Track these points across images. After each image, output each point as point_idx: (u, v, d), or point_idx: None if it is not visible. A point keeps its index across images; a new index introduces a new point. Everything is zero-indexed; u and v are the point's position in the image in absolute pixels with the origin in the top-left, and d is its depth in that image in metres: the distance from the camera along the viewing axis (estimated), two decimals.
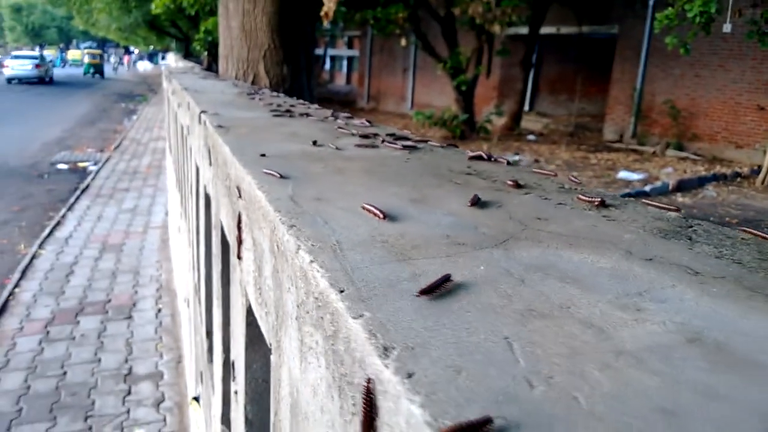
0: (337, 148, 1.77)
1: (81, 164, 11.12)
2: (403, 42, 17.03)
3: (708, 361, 0.56)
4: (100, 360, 5.28)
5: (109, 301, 6.87)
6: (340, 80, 33.76)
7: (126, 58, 55.97)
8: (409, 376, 0.50)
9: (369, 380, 0.53)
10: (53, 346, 5.37)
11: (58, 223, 8.91)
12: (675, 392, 0.50)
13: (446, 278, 0.70)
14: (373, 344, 0.56)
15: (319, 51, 30.03)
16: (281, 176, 1.29)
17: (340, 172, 1.43)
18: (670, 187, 11.30)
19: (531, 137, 17.04)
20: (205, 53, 17.93)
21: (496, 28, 15.28)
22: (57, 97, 20.96)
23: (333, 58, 34.72)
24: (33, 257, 7.58)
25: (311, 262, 0.78)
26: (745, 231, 0.98)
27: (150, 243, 8.43)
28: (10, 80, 30.43)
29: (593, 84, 19.13)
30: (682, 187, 11.49)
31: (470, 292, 0.69)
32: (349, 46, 31.42)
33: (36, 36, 55.49)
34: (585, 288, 0.73)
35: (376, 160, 1.60)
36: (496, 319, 0.63)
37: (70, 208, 9.67)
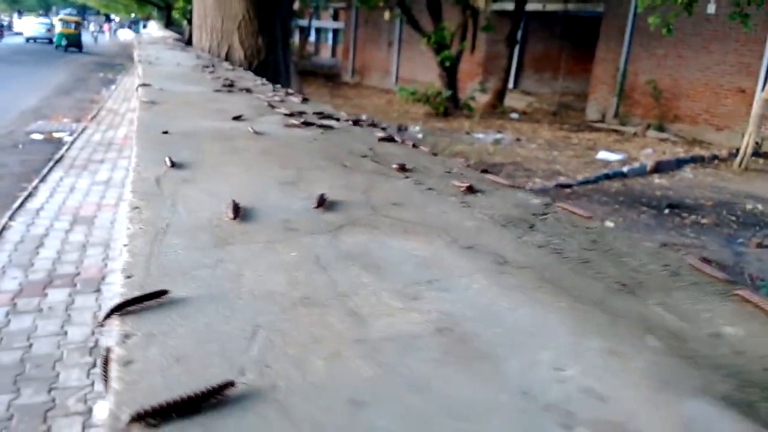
0: (251, 127, 1.77)
1: (56, 134, 10.98)
2: (387, 15, 16.80)
3: (442, 352, 0.58)
4: (66, 333, 5.28)
5: (78, 273, 6.83)
6: (326, 53, 33.30)
7: (106, 27, 53.80)
8: (126, 363, 0.52)
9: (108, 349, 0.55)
10: (20, 319, 5.35)
11: (30, 195, 8.80)
12: (381, 384, 0.52)
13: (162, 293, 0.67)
14: (120, 328, 0.57)
15: (304, 22, 29.58)
16: (172, 164, 1.28)
17: (235, 152, 1.43)
18: (648, 168, 11.36)
19: (514, 115, 16.99)
20: (185, 22, 17.63)
21: (481, 3, 15.12)
22: (35, 65, 20.62)
23: (318, 30, 34.18)
24: (2, 229, 7.50)
25: (125, 245, 0.79)
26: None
27: (122, 216, 8.30)
28: (28, 39, 40.04)
29: (578, 62, 19.02)
30: (660, 168, 11.55)
31: (258, 280, 0.71)
32: (335, 17, 30.91)
33: (14, 2, 53.80)
34: (381, 276, 0.75)
35: (280, 140, 1.60)
36: (264, 307, 0.65)
37: (42, 180, 9.55)
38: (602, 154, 12.64)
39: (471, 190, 1.18)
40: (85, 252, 7.01)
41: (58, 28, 33.28)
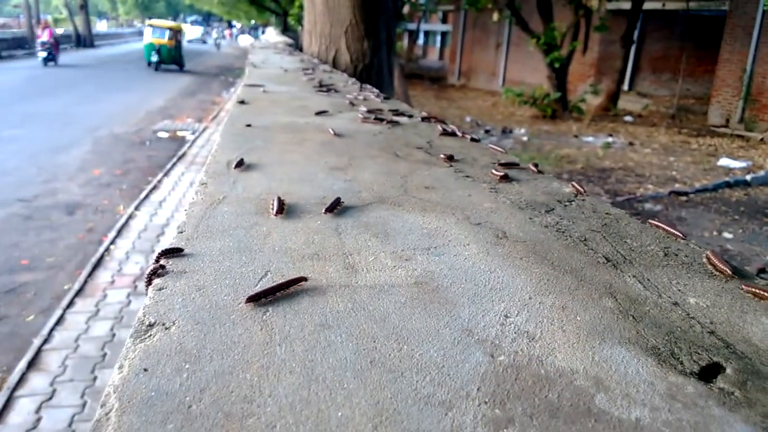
0: (327, 124, 1.93)
1: (180, 133, 11.93)
2: (495, 16, 16.64)
3: (410, 298, 0.69)
4: None
5: None
6: (433, 55, 33.44)
7: (228, 33, 56.70)
8: (160, 289, 0.68)
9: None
10: (139, 300, 5.77)
11: (155, 188, 9.59)
12: (348, 315, 0.64)
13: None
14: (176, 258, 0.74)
15: (413, 26, 29.89)
16: (239, 164, 1.46)
17: (301, 142, 1.60)
18: None
19: (628, 118, 16.20)
20: (300, 28, 18.49)
21: (595, 3, 14.58)
22: (161, 69, 22.50)
23: (427, 33, 34.41)
24: (129, 218, 8.23)
25: (185, 210, 0.96)
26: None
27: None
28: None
29: (699, 64, 17.77)
30: None
31: (280, 240, 0.85)
32: (444, 20, 31.00)
33: (145, 9, 57.99)
34: (386, 242, 0.86)
35: (346, 134, 1.75)
36: (278, 258, 0.79)
37: (166, 174, 10.36)
38: (724, 161, 11.77)
39: (506, 178, 1.26)
40: None
41: (147, 38, 22.68)
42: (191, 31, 51.22)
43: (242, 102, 2.35)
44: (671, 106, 17.26)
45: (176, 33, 23.87)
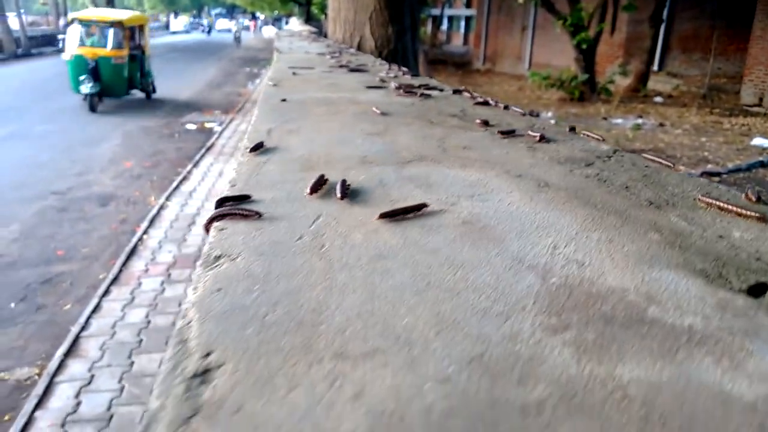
0: (353, 96, 1.96)
1: (207, 125, 12.09)
2: None
3: (458, 234, 0.71)
4: None
5: None
6: (457, 41, 33.13)
7: (252, 24, 56.51)
8: (221, 230, 0.71)
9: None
10: (173, 287, 5.89)
11: (184, 179, 9.72)
12: (401, 248, 0.67)
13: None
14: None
15: (437, 11, 29.69)
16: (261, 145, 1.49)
17: (336, 113, 1.63)
18: None
19: (658, 99, 15.88)
20: (323, 17, 18.52)
21: None
22: (188, 62, 22.72)
23: (451, 19, 34.12)
24: (161, 208, 8.37)
25: (234, 168, 1.00)
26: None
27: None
28: (188, 31, 46.28)
29: (731, 42, 17.29)
30: None
31: (331, 186, 0.88)
32: (468, 5, 30.68)
33: (170, 3, 58.32)
34: (430, 190, 0.89)
35: (379, 105, 1.77)
36: (328, 206, 0.82)
37: (195, 165, 10.50)
38: (758, 141, 11.48)
39: (543, 139, 1.27)
40: None
41: (72, 46, 12.11)
42: (179, 26, 52.41)
43: (274, 83, 2.39)
44: (702, 86, 16.86)
45: (132, 32, 12.64)
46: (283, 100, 1.84)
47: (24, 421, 3.24)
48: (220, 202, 0.82)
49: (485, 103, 1.84)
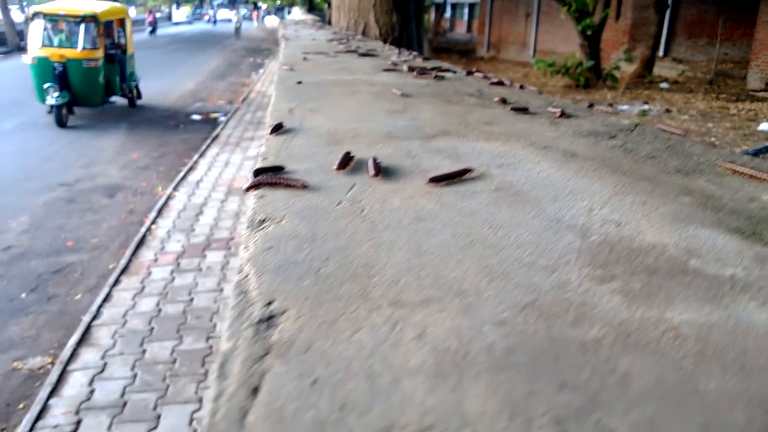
0: (369, 78, 1.97)
1: (212, 115, 12.09)
2: None
3: (494, 199, 0.73)
4: (222, 289, 5.77)
5: (233, 238, 7.44)
6: (461, 28, 32.93)
7: (255, 14, 56.06)
8: (261, 197, 0.73)
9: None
10: (183, 276, 5.91)
11: (191, 169, 9.73)
12: (439, 211, 0.69)
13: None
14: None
15: None
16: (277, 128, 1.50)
17: (353, 94, 1.64)
18: None
19: (664, 85, 15.78)
20: (326, 6, 18.46)
21: None
22: (191, 53, 22.64)
23: (454, 6, 33.92)
24: (168, 198, 8.38)
25: (261, 144, 1.02)
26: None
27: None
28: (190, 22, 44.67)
29: (737, 27, 17.14)
30: None
31: (358, 163, 0.90)
32: None
33: None
34: (458, 161, 0.90)
35: (394, 86, 1.78)
36: (361, 176, 0.83)
37: (201, 155, 10.50)
38: (764, 126, 11.42)
39: (563, 114, 1.28)
40: (238, 219, 7.72)
41: (35, 47, 9.66)
42: (222, 14, 52.25)
43: (288, 67, 2.40)
44: (708, 72, 16.76)
45: (109, 28, 10.47)
46: (299, 82, 1.85)
47: (38, 409, 3.28)
48: (257, 173, 0.84)
49: (500, 84, 1.85)
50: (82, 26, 9.68)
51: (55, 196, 7.34)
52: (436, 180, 0.79)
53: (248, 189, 0.77)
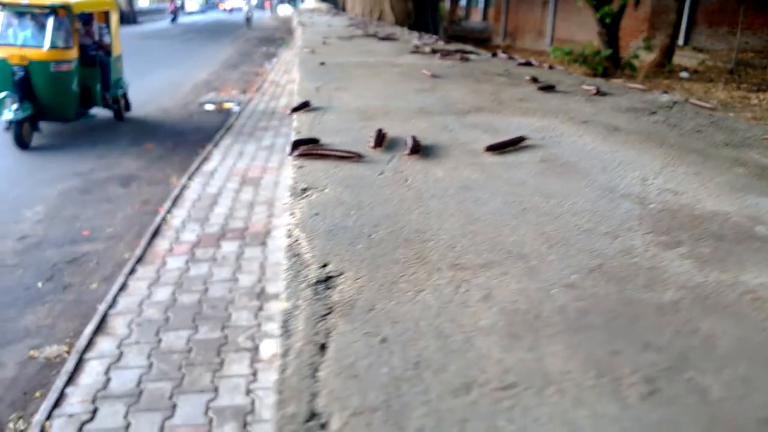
0: (391, 60, 1.94)
1: (225, 105, 12.07)
2: None
3: (541, 169, 0.71)
4: (237, 279, 5.75)
5: (247, 228, 7.43)
6: (477, 16, 32.55)
7: (267, 3, 55.25)
8: (300, 167, 0.71)
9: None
10: (198, 266, 5.88)
11: (205, 159, 9.72)
12: (485, 181, 0.66)
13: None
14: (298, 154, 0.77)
15: None
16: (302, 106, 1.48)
17: (378, 74, 1.62)
18: None
19: (684, 74, 15.51)
20: None
21: None
22: (204, 42, 22.58)
23: None
24: (183, 188, 8.37)
25: (294, 120, 1.00)
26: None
27: (284, 178, 8.94)
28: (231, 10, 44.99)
29: (758, 15, 16.77)
30: None
31: (398, 136, 0.88)
32: None
33: None
34: (498, 135, 0.88)
35: (418, 68, 1.76)
36: (398, 148, 0.81)
37: (215, 145, 10.50)
38: None
39: (599, 92, 1.25)
40: (252, 209, 7.72)
41: None
42: (232, 2, 51.54)
43: (310, 50, 2.37)
44: (729, 61, 16.46)
45: (87, 23, 8.48)
46: (322, 63, 1.83)
47: (55, 397, 3.30)
48: (296, 144, 0.82)
49: (528, 64, 1.81)
50: (51, 20, 7.75)
51: (71, 186, 7.38)
52: (493, 148, 0.78)
53: (299, 156, 0.75)
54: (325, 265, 0.45)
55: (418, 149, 0.80)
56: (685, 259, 0.46)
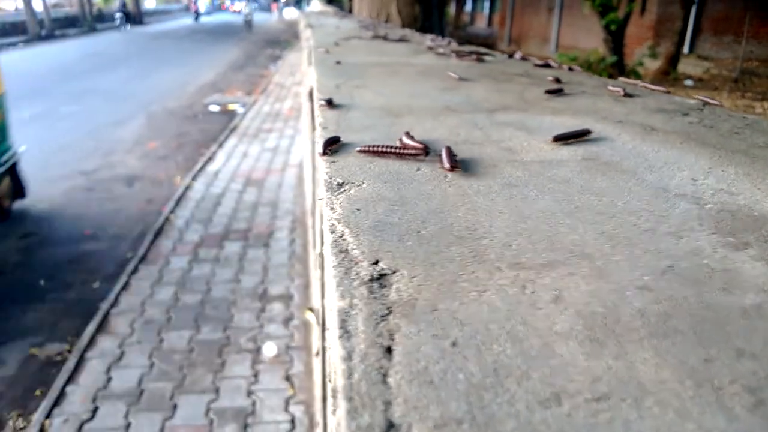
0: (407, 60, 1.92)
1: (230, 106, 12.07)
2: None
3: (584, 168, 0.68)
4: (239, 280, 5.73)
5: (250, 229, 7.42)
6: (482, 22, 32.56)
7: (274, 6, 54.84)
8: (332, 162, 0.68)
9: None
10: (200, 266, 5.87)
11: (209, 159, 9.72)
12: (527, 179, 0.63)
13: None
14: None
15: None
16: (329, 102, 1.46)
17: (396, 73, 1.59)
18: None
19: (688, 82, 15.51)
20: None
21: None
22: (210, 43, 22.58)
23: (474, 0, 33.61)
24: (186, 188, 8.36)
25: (318, 116, 0.97)
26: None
27: (288, 180, 8.98)
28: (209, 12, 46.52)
29: (764, 24, 16.80)
30: None
31: (425, 131, 0.85)
32: None
33: None
34: (531, 133, 0.85)
35: (435, 68, 1.73)
36: (431, 144, 0.78)
37: (220, 146, 10.50)
38: None
39: (626, 94, 1.22)
40: (256, 211, 7.70)
41: None
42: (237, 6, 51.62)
43: (324, 50, 2.35)
44: (734, 69, 16.47)
45: None
46: (338, 62, 1.80)
47: (55, 395, 3.27)
48: (329, 142, 0.78)
49: (546, 66, 1.79)
50: None
51: (74, 185, 7.36)
52: (560, 138, 0.79)
53: (359, 152, 0.72)
54: (376, 262, 0.42)
55: (457, 164, 0.70)
56: (756, 261, 0.44)
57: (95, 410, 3.11)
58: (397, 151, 0.70)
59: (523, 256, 0.44)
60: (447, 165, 0.68)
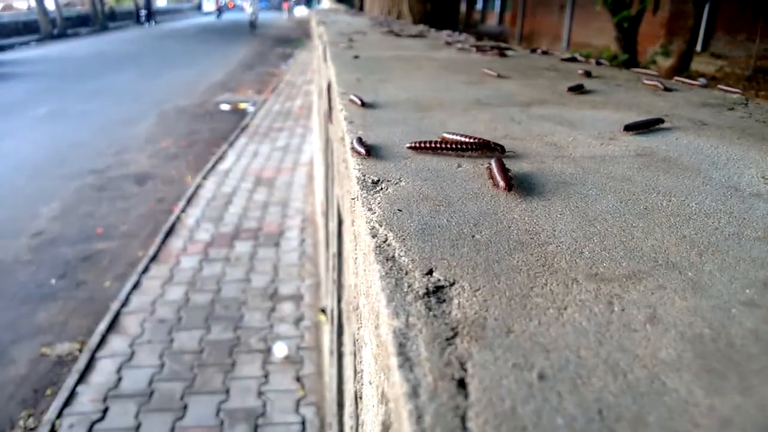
0: (427, 54, 1.86)
1: (241, 105, 12.06)
2: None
3: (642, 164, 0.61)
4: (250, 280, 5.71)
5: (261, 228, 7.41)
6: (492, 20, 32.40)
7: (285, 4, 54.45)
8: (365, 156, 0.62)
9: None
10: (211, 266, 5.86)
11: (220, 158, 9.73)
12: (580, 176, 0.57)
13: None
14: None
15: None
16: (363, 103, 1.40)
17: (418, 68, 1.53)
18: None
19: (701, 81, 15.35)
20: None
21: None
22: (220, 43, 22.56)
23: None
24: (197, 187, 8.37)
25: (341, 110, 0.91)
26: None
27: (298, 178, 8.96)
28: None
29: None
30: None
31: (459, 128, 0.79)
32: None
33: None
34: (574, 128, 0.79)
35: (458, 62, 1.67)
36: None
37: (230, 145, 10.50)
38: None
39: (665, 89, 1.16)
40: (266, 210, 7.68)
41: None
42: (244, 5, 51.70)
43: (343, 45, 2.29)
44: (747, 68, 16.27)
45: None
46: (356, 57, 1.75)
47: (66, 395, 3.24)
48: (360, 141, 0.71)
49: (572, 60, 1.72)
50: None
51: (86, 183, 7.35)
52: (632, 127, 0.77)
53: (412, 149, 0.66)
54: (430, 272, 0.36)
55: (512, 183, 0.55)
56: None
57: (106, 410, 3.08)
58: (467, 146, 0.62)
59: (600, 265, 0.38)
60: (502, 184, 0.55)
